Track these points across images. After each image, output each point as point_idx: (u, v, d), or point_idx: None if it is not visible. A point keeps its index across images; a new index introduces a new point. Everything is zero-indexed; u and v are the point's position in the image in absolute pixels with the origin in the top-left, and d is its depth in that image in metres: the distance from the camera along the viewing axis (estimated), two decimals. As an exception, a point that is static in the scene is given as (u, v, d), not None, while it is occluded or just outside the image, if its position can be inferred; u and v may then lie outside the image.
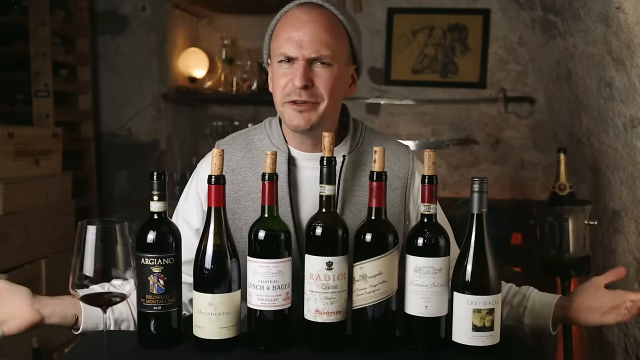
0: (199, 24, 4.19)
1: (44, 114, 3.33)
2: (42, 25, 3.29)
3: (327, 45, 1.37)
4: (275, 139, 1.48)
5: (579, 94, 2.82)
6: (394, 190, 1.47)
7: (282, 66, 1.40)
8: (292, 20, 1.40)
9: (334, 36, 1.39)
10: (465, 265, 1.24)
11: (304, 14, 1.39)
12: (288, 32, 1.38)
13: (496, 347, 1.24)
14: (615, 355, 2.53)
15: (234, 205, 1.44)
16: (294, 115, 1.39)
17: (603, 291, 1.44)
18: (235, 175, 1.46)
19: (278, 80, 1.41)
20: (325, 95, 1.38)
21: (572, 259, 2.64)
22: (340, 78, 1.42)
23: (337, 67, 1.39)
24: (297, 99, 1.38)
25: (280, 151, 1.45)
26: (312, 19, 1.38)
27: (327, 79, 1.38)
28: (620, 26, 2.07)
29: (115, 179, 3.87)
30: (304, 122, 1.38)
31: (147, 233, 1.24)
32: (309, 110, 1.38)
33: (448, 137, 3.86)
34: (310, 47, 1.36)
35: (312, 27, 1.37)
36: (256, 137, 1.51)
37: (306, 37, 1.36)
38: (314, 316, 1.23)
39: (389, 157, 1.48)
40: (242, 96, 3.91)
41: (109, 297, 1.16)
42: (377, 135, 1.56)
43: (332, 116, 1.46)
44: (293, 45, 1.37)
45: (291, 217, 1.42)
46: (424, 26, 3.83)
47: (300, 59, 1.37)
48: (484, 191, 1.24)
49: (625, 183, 2.45)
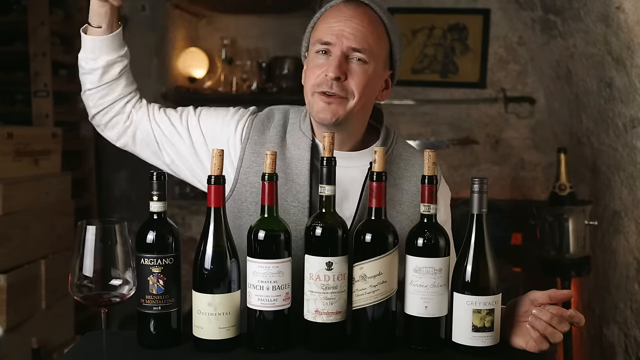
0: (199, 23, 4.19)
1: (44, 114, 3.33)
2: (42, 25, 3.29)
3: (367, 42, 1.36)
4: (304, 125, 1.46)
5: (579, 94, 2.82)
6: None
7: (319, 57, 1.39)
8: (336, 13, 1.40)
9: (375, 36, 1.38)
10: (465, 265, 1.23)
11: (350, 9, 1.39)
12: (330, 23, 1.39)
13: (496, 347, 1.24)
14: (615, 355, 2.53)
15: (254, 179, 1.42)
16: (322, 106, 1.38)
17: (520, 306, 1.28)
18: (263, 148, 1.44)
19: (312, 70, 1.40)
20: (356, 92, 1.37)
21: (572, 259, 2.64)
22: (374, 79, 1.41)
23: (372, 67, 1.38)
24: (327, 90, 1.36)
25: (305, 137, 1.44)
26: (357, 14, 1.38)
27: (360, 76, 1.37)
28: (620, 26, 2.07)
29: (115, 179, 3.87)
30: (330, 115, 1.37)
31: (147, 233, 1.24)
32: (337, 104, 1.37)
33: (448, 137, 3.86)
34: (351, 38, 1.35)
35: (356, 22, 1.37)
36: (292, 119, 1.49)
37: (348, 29, 1.36)
38: (313, 316, 1.23)
39: (416, 173, 1.46)
40: (241, 96, 3.91)
41: (109, 297, 1.16)
42: (408, 147, 1.54)
43: (360, 117, 1.44)
44: (333, 34, 1.37)
45: (308, 205, 1.40)
46: (423, 26, 3.83)
47: (337, 48, 1.36)
48: (484, 191, 1.24)
49: (626, 183, 2.44)
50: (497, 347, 1.24)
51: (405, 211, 1.44)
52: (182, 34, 4.02)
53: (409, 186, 1.45)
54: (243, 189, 1.44)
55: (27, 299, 2.62)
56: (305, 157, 1.42)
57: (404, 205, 1.44)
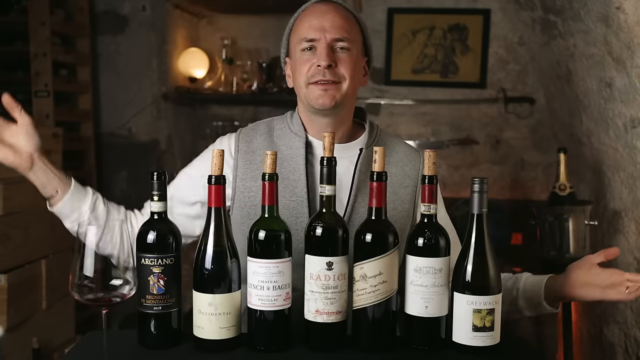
0: (199, 24, 4.19)
1: (44, 114, 3.33)
2: (42, 25, 3.29)
3: (347, 31, 1.49)
4: (294, 126, 1.55)
5: (579, 94, 2.82)
6: (405, 188, 1.55)
7: (305, 54, 1.49)
8: (311, 12, 1.52)
9: (350, 25, 1.51)
10: (466, 265, 1.24)
11: (323, 6, 1.52)
12: (309, 21, 1.50)
13: (496, 347, 1.24)
14: (615, 355, 2.53)
15: (251, 183, 1.50)
16: (319, 93, 1.47)
17: (597, 269, 1.44)
18: (254, 156, 1.53)
19: (300, 67, 1.50)
20: (347, 76, 1.48)
21: (572, 259, 2.61)
22: (358, 63, 1.52)
23: (355, 52, 1.50)
24: (321, 78, 1.46)
25: (299, 137, 1.53)
26: (330, 10, 1.50)
27: (348, 61, 1.48)
28: (620, 26, 2.07)
29: (115, 179, 3.87)
30: (329, 100, 1.46)
31: (147, 233, 1.24)
32: (333, 89, 1.47)
33: (448, 137, 3.86)
34: (333, 30, 1.47)
35: (332, 15, 1.49)
36: (277, 126, 1.59)
37: (327, 22, 1.48)
38: (314, 316, 1.23)
39: (401, 158, 1.57)
40: (242, 96, 3.91)
41: (110, 297, 1.16)
42: (392, 138, 1.64)
43: (351, 101, 1.54)
44: (316, 30, 1.47)
45: (306, 197, 1.47)
46: (424, 26, 3.83)
47: (322, 42, 1.46)
48: (484, 191, 1.24)
49: (626, 183, 2.45)
50: (497, 347, 1.24)
51: (395, 192, 1.52)
52: (183, 34, 4.02)
53: (396, 170, 1.54)
54: (242, 196, 1.50)
55: (27, 299, 2.62)
56: (299, 154, 1.51)
57: (392, 187, 1.49)
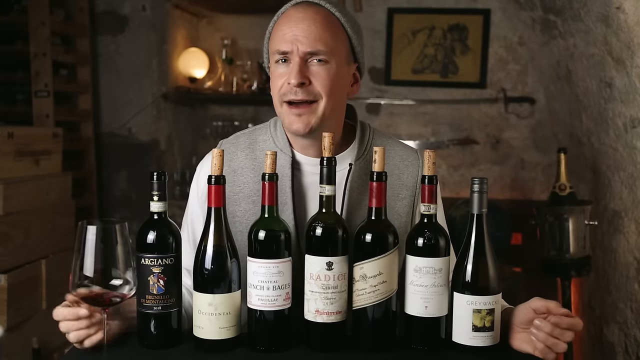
0: (199, 24, 4.19)
1: (44, 114, 3.33)
2: (42, 25, 3.29)
3: (323, 42, 1.34)
4: (279, 142, 1.44)
5: (579, 94, 2.82)
6: (401, 200, 1.45)
7: (279, 67, 1.38)
8: (287, 20, 1.37)
9: (331, 33, 1.36)
10: (465, 265, 1.24)
11: (299, 12, 1.37)
12: (283, 31, 1.36)
13: (496, 347, 1.24)
14: (615, 355, 2.53)
15: (234, 208, 1.41)
16: (293, 119, 1.36)
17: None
18: (236, 177, 1.43)
19: (275, 80, 1.38)
20: (323, 94, 1.35)
21: (572, 259, 2.64)
22: (339, 76, 1.38)
23: (335, 64, 1.36)
24: (293, 98, 1.34)
25: (284, 154, 1.42)
26: (307, 17, 1.36)
27: (324, 77, 1.34)
28: (620, 26, 2.07)
29: (115, 179, 3.87)
30: (303, 126, 1.35)
31: (147, 233, 1.24)
32: (307, 113, 1.35)
33: (448, 137, 3.86)
34: (307, 42, 1.33)
35: (307, 24, 1.34)
36: (260, 137, 1.48)
37: (300, 33, 1.34)
38: (314, 316, 1.23)
39: (397, 165, 1.46)
40: (242, 96, 3.91)
41: (109, 297, 1.16)
42: (386, 139, 1.51)
43: (334, 118, 1.41)
44: (288, 41, 1.34)
45: (294, 223, 1.38)
46: (424, 26, 3.83)
47: (295, 55, 1.34)
48: (484, 191, 1.24)
49: (626, 183, 2.45)
50: (497, 347, 1.24)
51: (391, 206, 1.42)
52: (183, 34, 4.02)
53: (391, 180, 1.42)
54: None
55: (27, 299, 2.62)
56: (285, 175, 1.40)
57: (387, 200, 1.41)
